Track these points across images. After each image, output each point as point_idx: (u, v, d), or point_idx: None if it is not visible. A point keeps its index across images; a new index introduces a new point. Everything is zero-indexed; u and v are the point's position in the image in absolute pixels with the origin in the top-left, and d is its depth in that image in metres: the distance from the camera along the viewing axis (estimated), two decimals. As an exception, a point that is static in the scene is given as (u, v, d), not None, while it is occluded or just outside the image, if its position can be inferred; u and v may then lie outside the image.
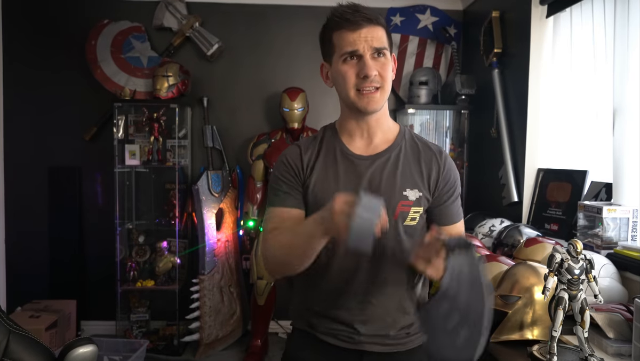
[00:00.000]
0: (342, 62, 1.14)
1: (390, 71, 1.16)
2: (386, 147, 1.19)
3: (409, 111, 3.46)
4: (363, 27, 1.12)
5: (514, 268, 1.64)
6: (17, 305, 3.32)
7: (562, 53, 2.59)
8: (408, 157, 1.19)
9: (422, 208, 1.16)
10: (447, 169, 1.19)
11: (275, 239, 1.14)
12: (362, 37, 1.11)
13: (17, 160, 3.60)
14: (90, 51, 3.55)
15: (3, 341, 1.33)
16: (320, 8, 3.67)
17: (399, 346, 1.20)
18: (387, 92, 1.16)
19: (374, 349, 1.18)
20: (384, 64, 1.14)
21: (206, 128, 3.61)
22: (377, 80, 1.12)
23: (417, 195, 1.15)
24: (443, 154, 1.21)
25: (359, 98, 1.14)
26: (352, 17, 1.12)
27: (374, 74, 1.11)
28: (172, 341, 3.44)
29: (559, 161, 2.63)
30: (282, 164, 1.21)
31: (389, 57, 1.16)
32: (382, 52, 1.13)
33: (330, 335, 1.20)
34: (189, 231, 3.65)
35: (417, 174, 1.17)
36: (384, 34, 1.15)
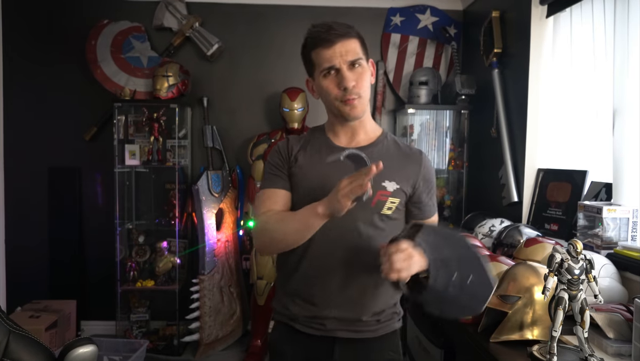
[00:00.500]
0: (323, 77, 1.26)
1: (366, 79, 1.27)
2: (368, 143, 1.32)
3: (409, 111, 3.46)
4: (336, 43, 1.22)
5: (514, 268, 1.64)
6: (17, 305, 3.32)
7: (562, 53, 2.59)
8: (389, 153, 1.31)
9: (398, 200, 1.27)
10: (426, 168, 1.32)
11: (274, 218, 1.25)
12: (337, 53, 1.23)
13: (17, 160, 3.60)
14: (90, 51, 3.55)
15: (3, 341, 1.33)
16: (320, 8, 3.68)
17: (369, 332, 1.29)
18: (366, 98, 1.28)
19: (345, 335, 1.27)
20: (361, 73, 1.25)
21: (206, 128, 3.61)
22: (356, 91, 1.24)
23: (395, 187, 1.27)
24: (422, 155, 1.35)
25: (342, 108, 1.26)
26: (325, 35, 1.23)
27: (352, 85, 1.23)
28: (172, 341, 3.44)
29: (559, 161, 2.63)
30: (273, 152, 1.36)
31: (365, 66, 1.27)
32: (357, 62, 1.25)
33: (305, 324, 1.29)
34: (189, 231, 3.65)
35: (397, 169, 1.28)
36: (358, 44, 1.26)
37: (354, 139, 1.33)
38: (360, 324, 1.28)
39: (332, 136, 1.34)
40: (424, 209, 1.33)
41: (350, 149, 1.13)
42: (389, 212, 1.27)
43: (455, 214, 3.56)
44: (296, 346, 1.32)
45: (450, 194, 3.60)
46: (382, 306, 1.30)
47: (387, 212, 1.26)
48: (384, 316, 1.31)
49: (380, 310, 1.30)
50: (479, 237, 2.48)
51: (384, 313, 1.31)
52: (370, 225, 1.26)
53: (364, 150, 1.22)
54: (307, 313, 1.28)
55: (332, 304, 1.26)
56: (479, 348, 1.57)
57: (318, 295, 1.27)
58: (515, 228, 2.32)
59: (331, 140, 1.33)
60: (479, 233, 2.52)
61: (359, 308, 1.27)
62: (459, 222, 3.23)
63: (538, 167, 2.73)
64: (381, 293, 1.28)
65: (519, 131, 2.82)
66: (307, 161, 1.31)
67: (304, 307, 1.28)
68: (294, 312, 1.30)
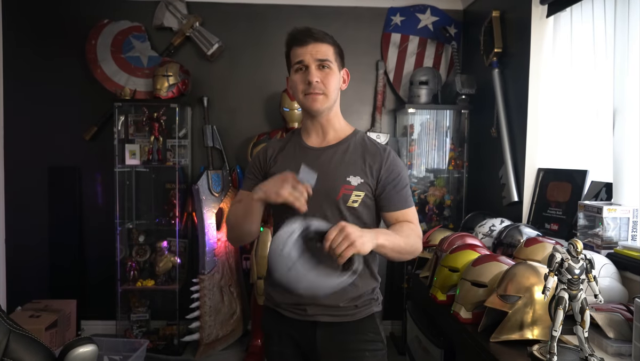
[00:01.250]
0: (294, 72, 1.39)
1: (334, 82, 1.38)
2: (336, 142, 1.44)
3: (409, 110, 3.46)
4: (309, 44, 1.36)
5: (514, 268, 1.64)
6: (17, 304, 3.32)
7: (562, 53, 2.59)
8: (355, 151, 1.42)
9: (363, 193, 1.38)
10: (390, 163, 1.41)
11: (231, 209, 1.47)
12: (308, 51, 1.36)
13: (17, 160, 3.60)
14: (90, 51, 3.56)
15: (3, 341, 1.33)
16: (319, 8, 3.68)
17: (348, 317, 1.40)
18: (331, 99, 1.39)
19: (324, 319, 1.38)
20: (327, 74, 1.37)
21: (206, 128, 3.61)
22: (320, 87, 1.36)
23: (359, 181, 1.37)
24: (387, 151, 1.43)
25: (305, 100, 1.38)
26: (301, 36, 1.37)
27: (316, 80, 1.35)
28: (172, 341, 3.44)
29: (559, 161, 2.63)
30: (255, 156, 1.53)
31: (334, 70, 1.38)
32: (325, 64, 1.36)
33: (287, 310, 1.41)
34: (189, 231, 3.65)
35: (361, 165, 1.39)
36: (330, 50, 1.38)
37: (324, 138, 1.45)
38: (338, 309, 1.38)
39: (306, 136, 1.46)
40: (389, 202, 1.40)
41: (305, 169, 1.26)
42: (355, 205, 1.37)
43: (455, 214, 3.56)
44: (282, 329, 1.44)
45: (450, 194, 3.60)
46: (358, 292, 1.40)
47: (354, 205, 1.37)
48: (361, 302, 1.41)
49: (357, 295, 1.40)
50: (479, 237, 2.48)
51: (362, 299, 1.41)
52: (338, 217, 1.35)
53: (331, 148, 1.41)
54: (289, 300, 1.39)
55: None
56: (479, 348, 1.57)
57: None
58: (515, 228, 2.32)
59: (304, 141, 1.46)
60: (479, 233, 2.52)
61: (336, 295, 1.33)
62: (459, 222, 3.23)
63: (538, 167, 2.73)
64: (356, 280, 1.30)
65: (519, 131, 2.82)
66: (283, 162, 1.43)
67: (284, 295, 1.38)
68: (277, 299, 1.42)
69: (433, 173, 3.62)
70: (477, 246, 2.09)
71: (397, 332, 3.65)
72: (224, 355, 3.38)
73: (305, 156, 1.42)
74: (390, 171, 1.40)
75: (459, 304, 1.81)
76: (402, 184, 1.42)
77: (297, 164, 1.36)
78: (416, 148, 3.59)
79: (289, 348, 1.45)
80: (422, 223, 3.57)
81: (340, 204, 1.36)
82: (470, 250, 2.02)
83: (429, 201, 3.58)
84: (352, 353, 1.40)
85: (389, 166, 1.40)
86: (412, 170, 3.58)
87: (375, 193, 1.41)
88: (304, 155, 1.42)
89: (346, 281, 1.20)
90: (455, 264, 2.00)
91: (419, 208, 3.59)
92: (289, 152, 1.46)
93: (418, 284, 2.45)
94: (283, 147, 1.48)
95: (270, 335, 1.48)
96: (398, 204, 1.41)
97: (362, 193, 1.37)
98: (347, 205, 1.37)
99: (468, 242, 2.18)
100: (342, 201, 1.36)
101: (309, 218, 1.23)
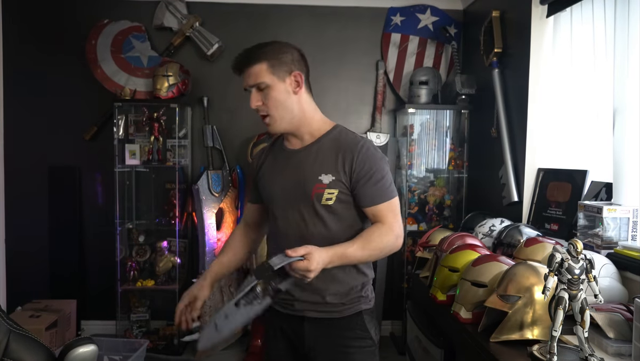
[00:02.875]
0: None
1: (275, 98, 1.38)
2: (310, 143, 1.45)
3: (409, 110, 3.46)
4: (243, 71, 1.42)
5: (514, 268, 1.64)
6: (17, 304, 3.32)
7: (562, 53, 2.59)
8: (329, 149, 1.42)
9: (337, 190, 1.38)
10: (362, 157, 1.38)
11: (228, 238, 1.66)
12: (244, 78, 1.42)
13: (17, 160, 3.60)
14: (90, 51, 3.56)
15: (3, 341, 1.33)
16: (320, 8, 3.68)
17: (335, 313, 1.43)
18: (277, 116, 1.40)
19: (312, 315, 1.42)
20: (267, 94, 1.38)
21: (206, 128, 3.61)
22: (263, 109, 1.40)
23: (331, 179, 1.38)
24: (359, 145, 1.40)
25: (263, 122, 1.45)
26: (234, 66, 1.45)
27: (256, 105, 1.40)
28: (172, 341, 3.44)
29: (559, 161, 2.63)
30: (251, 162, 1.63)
31: (272, 85, 1.38)
32: (260, 85, 1.39)
33: (279, 304, 1.46)
34: (189, 231, 3.65)
35: (333, 163, 1.39)
36: (262, 68, 1.39)
37: (302, 141, 1.46)
38: (325, 305, 1.42)
39: (286, 141, 1.50)
40: (364, 197, 1.39)
41: (275, 263, 1.26)
42: (330, 202, 1.38)
43: (455, 214, 3.56)
44: (275, 323, 1.52)
45: (450, 194, 3.60)
46: (344, 288, 1.42)
47: (328, 202, 1.38)
48: (348, 300, 1.43)
49: (343, 291, 1.42)
50: (479, 237, 2.48)
51: (349, 297, 1.43)
52: (314, 215, 1.39)
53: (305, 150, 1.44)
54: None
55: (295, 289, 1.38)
56: (479, 348, 1.57)
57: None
58: (515, 228, 2.32)
59: (285, 145, 1.50)
60: (479, 233, 2.52)
61: (321, 292, 1.40)
62: (459, 222, 3.23)
63: (538, 167, 2.73)
64: (338, 276, 1.40)
65: (519, 131, 2.82)
66: (268, 167, 1.52)
67: None
68: None
69: (433, 173, 3.62)
70: (477, 246, 2.09)
71: (397, 332, 3.65)
72: (224, 355, 3.38)
73: (284, 158, 1.48)
74: (363, 165, 1.37)
75: (459, 304, 1.81)
76: (376, 177, 1.38)
77: (278, 167, 1.47)
78: (416, 148, 3.59)
79: (282, 341, 1.51)
80: (422, 222, 3.57)
81: (315, 204, 1.38)
82: (470, 250, 2.02)
83: (429, 201, 3.58)
84: (339, 348, 1.44)
85: (361, 160, 1.38)
86: (412, 170, 3.58)
87: (350, 189, 1.39)
88: (283, 158, 1.49)
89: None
90: (455, 264, 2.00)
91: (419, 208, 3.59)
92: (274, 157, 1.53)
93: (418, 284, 2.45)
94: (269, 154, 1.55)
95: (267, 330, 1.56)
96: (375, 199, 1.39)
97: (336, 190, 1.38)
98: (321, 203, 1.38)
99: (468, 242, 2.18)
100: (316, 200, 1.38)
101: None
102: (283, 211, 1.44)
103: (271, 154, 1.54)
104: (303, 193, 1.39)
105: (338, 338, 1.43)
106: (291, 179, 1.43)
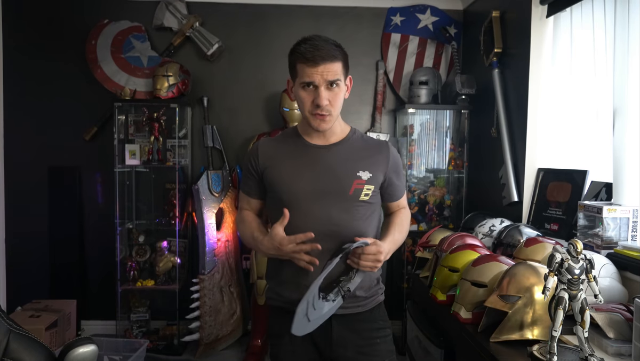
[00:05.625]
0: (301, 89, 1.38)
1: (340, 98, 1.40)
2: (339, 140, 1.47)
3: (409, 110, 3.46)
4: (320, 65, 1.33)
5: (514, 268, 1.64)
6: (17, 304, 3.32)
7: (562, 53, 2.59)
8: (359, 147, 1.48)
9: (373, 186, 1.43)
10: (393, 156, 1.49)
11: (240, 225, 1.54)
12: (318, 72, 1.33)
13: (17, 160, 3.60)
14: (90, 51, 3.56)
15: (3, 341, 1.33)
16: (320, 8, 3.68)
17: (360, 307, 1.46)
18: (336, 115, 1.41)
19: (340, 312, 1.41)
20: (336, 93, 1.38)
21: (206, 128, 3.61)
22: (328, 108, 1.37)
23: (369, 175, 1.43)
24: (388, 144, 1.52)
25: (312, 119, 1.39)
26: (311, 55, 1.33)
27: (325, 103, 1.36)
28: (172, 341, 3.44)
29: (559, 161, 2.63)
30: (245, 159, 1.53)
31: (342, 86, 1.39)
32: (335, 83, 1.36)
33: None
34: (189, 231, 3.65)
35: (367, 160, 1.45)
36: (340, 66, 1.37)
37: (327, 140, 1.47)
38: (354, 300, 1.43)
39: (307, 137, 1.47)
40: (395, 191, 1.53)
41: (348, 247, 1.32)
42: (366, 198, 1.43)
43: (455, 214, 3.56)
44: None
45: (450, 194, 3.60)
46: (369, 281, 1.47)
47: (365, 198, 1.42)
48: (371, 293, 1.48)
49: (368, 285, 1.47)
50: (479, 237, 2.48)
51: (371, 290, 1.48)
52: (351, 211, 1.41)
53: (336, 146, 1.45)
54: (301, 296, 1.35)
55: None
56: (479, 348, 1.57)
57: (307, 280, 1.36)
58: (515, 228, 2.32)
59: (306, 140, 1.47)
60: (479, 233, 2.52)
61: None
62: (459, 222, 3.23)
63: (538, 167, 2.73)
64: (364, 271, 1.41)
65: (519, 131, 2.82)
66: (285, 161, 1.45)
67: (296, 291, 1.38)
68: (292, 297, 1.39)
69: (433, 173, 3.63)
70: (477, 246, 2.09)
71: (397, 332, 3.65)
72: (224, 355, 3.38)
73: (311, 154, 1.44)
74: (394, 163, 1.49)
75: (459, 304, 1.81)
76: (402, 174, 1.54)
77: (302, 162, 1.43)
78: (416, 148, 3.59)
79: (301, 345, 1.45)
80: (422, 223, 3.58)
81: (353, 199, 1.41)
82: (470, 250, 2.02)
83: (429, 201, 3.58)
84: (366, 341, 1.46)
85: (393, 159, 1.49)
86: (412, 170, 3.58)
87: (380, 186, 1.48)
88: (309, 153, 1.45)
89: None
90: (455, 264, 2.00)
91: (419, 208, 3.59)
92: (289, 151, 1.47)
93: (418, 284, 2.45)
94: (279, 148, 1.49)
95: (282, 335, 1.45)
96: (399, 193, 1.55)
97: (372, 187, 1.43)
98: (359, 200, 1.41)
99: (468, 242, 2.18)
100: (355, 196, 1.41)
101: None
102: (309, 206, 1.39)
103: (284, 148, 1.48)
104: (340, 188, 1.40)
105: (364, 331, 1.47)
106: (325, 174, 1.41)
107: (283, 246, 1.31)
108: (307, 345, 1.45)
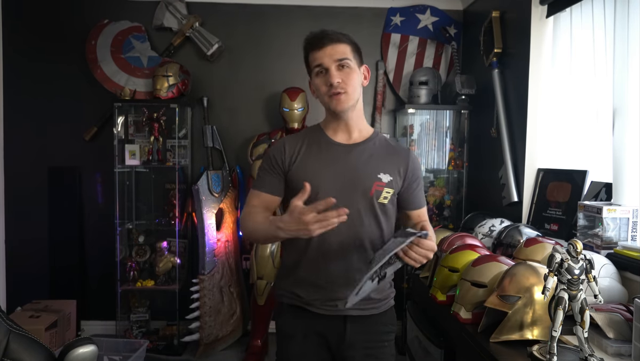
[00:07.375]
0: (315, 76, 1.41)
1: (354, 79, 1.40)
2: (363, 140, 1.47)
3: (409, 111, 3.46)
4: (327, 46, 1.37)
5: (514, 268, 1.64)
6: (17, 304, 3.32)
7: (562, 53, 2.59)
8: (381, 150, 1.47)
9: (393, 190, 1.43)
10: (413, 163, 1.49)
11: (248, 218, 1.43)
12: (326, 54, 1.37)
13: (17, 160, 3.60)
14: (90, 51, 3.56)
15: (3, 341, 1.33)
16: (320, 8, 3.68)
17: (374, 309, 1.46)
18: (353, 97, 1.40)
19: (355, 313, 1.42)
20: (348, 73, 1.38)
21: (206, 128, 3.61)
22: (341, 86, 1.38)
23: (389, 178, 1.43)
24: (410, 151, 1.52)
25: (330, 101, 1.40)
26: (317, 39, 1.39)
27: (337, 81, 1.37)
28: (172, 341, 3.44)
29: (559, 161, 2.63)
30: (267, 157, 1.49)
31: (353, 67, 1.40)
32: (344, 63, 1.38)
33: (317, 306, 1.42)
34: (189, 231, 3.65)
35: (389, 164, 1.45)
36: (348, 49, 1.40)
37: (350, 136, 1.47)
38: (369, 302, 1.43)
39: (331, 133, 1.47)
40: (414, 200, 1.50)
41: (416, 233, 1.25)
42: (385, 201, 1.42)
43: (455, 214, 3.56)
44: (308, 326, 1.45)
45: (450, 194, 3.60)
46: (385, 284, 1.46)
47: (384, 201, 1.42)
48: (384, 295, 1.49)
49: (382, 287, 1.46)
50: (479, 237, 2.48)
51: (385, 293, 1.49)
52: (370, 213, 1.41)
53: (359, 145, 1.45)
54: (318, 295, 1.41)
55: (338, 287, 1.39)
56: (479, 348, 1.57)
57: (324, 280, 1.40)
58: (515, 228, 2.32)
59: (330, 137, 1.47)
60: (479, 233, 2.52)
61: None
62: (459, 222, 3.23)
63: (538, 167, 2.73)
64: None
65: (519, 131, 2.82)
66: (310, 157, 1.44)
67: (313, 291, 1.41)
68: (305, 296, 1.42)
69: (433, 173, 3.63)
70: (477, 247, 2.09)
71: (397, 332, 3.65)
72: (224, 355, 3.38)
73: (334, 152, 1.44)
74: (414, 171, 1.48)
75: (458, 304, 1.81)
76: (421, 184, 1.52)
77: (325, 159, 1.42)
78: (416, 148, 3.59)
79: (312, 345, 1.45)
80: (422, 223, 3.57)
81: (374, 200, 1.41)
82: (470, 250, 2.02)
83: (429, 201, 3.58)
84: (374, 344, 1.47)
85: (413, 165, 1.48)
86: (412, 170, 3.58)
87: (399, 191, 1.47)
88: (332, 151, 1.44)
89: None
90: (455, 264, 2.00)
91: (419, 208, 3.59)
92: (312, 149, 1.45)
93: (418, 285, 2.45)
94: (303, 145, 1.46)
95: (294, 335, 1.46)
96: (420, 202, 1.52)
97: (392, 190, 1.43)
98: (378, 201, 1.41)
99: (468, 242, 2.18)
100: (375, 197, 1.41)
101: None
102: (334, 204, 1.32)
103: (309, 144, 1.46)
104: (362, 188, 1.40)
105: (375, 334, 1.48)
106: (347, 172, 1.41)
107: (304, 216, 1.18)
108: (320, 345, 1.45)
